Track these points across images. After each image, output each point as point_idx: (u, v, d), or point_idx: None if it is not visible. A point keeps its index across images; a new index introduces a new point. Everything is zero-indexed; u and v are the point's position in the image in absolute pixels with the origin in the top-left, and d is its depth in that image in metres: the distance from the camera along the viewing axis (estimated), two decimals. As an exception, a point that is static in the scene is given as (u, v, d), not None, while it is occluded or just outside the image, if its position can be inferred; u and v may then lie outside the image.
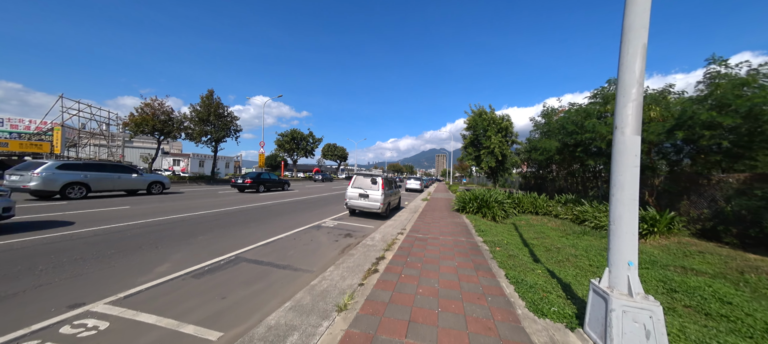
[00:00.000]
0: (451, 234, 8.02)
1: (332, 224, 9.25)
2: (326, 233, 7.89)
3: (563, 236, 8.76)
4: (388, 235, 7.67)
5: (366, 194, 10.79)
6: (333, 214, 11.53)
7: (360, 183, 11.10)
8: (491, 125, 18.93)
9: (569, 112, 14.93)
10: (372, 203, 10.67)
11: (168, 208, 10.59)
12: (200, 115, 25.56)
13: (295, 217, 10.25)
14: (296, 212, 11.56)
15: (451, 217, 11.65)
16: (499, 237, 7.85)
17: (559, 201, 14.58)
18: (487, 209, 12.38)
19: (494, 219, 12.04)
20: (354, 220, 10.45)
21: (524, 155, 21.98)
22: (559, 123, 16.04)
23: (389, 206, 11.68)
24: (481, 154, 19.07)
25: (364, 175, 11.23)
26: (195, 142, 25.68)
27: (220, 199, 14.25)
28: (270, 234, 7.28)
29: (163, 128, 20.41)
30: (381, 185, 10.78)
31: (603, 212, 10.94)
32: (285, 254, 5.75)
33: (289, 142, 44.65)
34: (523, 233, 9.51)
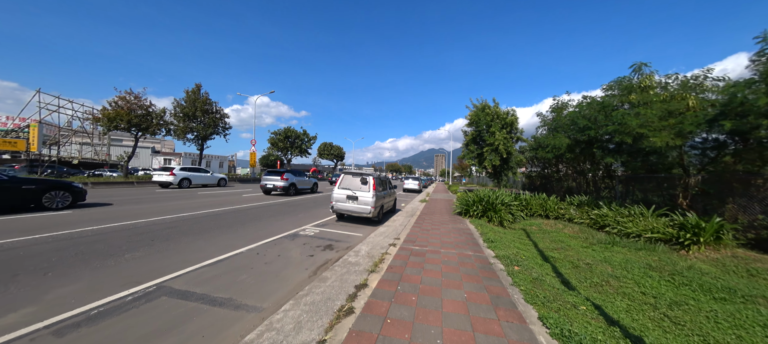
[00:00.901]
0: (455, 245, 6.59)
1: (312, 232, 7.80)
2: (301, 245, 6.43)
3: (587, 247, 7.33)
4: (377, 247, 6.23)
5: (355, 196, 9.34)
6: (318, 218, 10.08)
7: (348, 183, 9.66)
8: (495, 120, 17.50)
9: (581, 106, 13.53)
10: (361, 207, 9.23)
11: (128, 213, 9.11)
12: (185, 110, 24.03)
13: (273, 223, 8.79)
14: (277, 216, 10.10)
15: (453, 222, 10.22)
16: (513, 250, 6.42)
17: (572, 203, 13.18)
18: (494, 212, 10.95)
19: (501, 224, 10.62)
20: (340, 226, 8.99)
21: (529, 153, 20.60)
22: (569, 118, 14.64)
23: (382, 210, 10.25)
24: (484, 151, 17.65)
25: (353, 174, 9.79)
26: (178, 139, 24.16)
27: (202, 200, 12.78)
28: (228, 247, 5.81)
29: (140, 124, 18.90)
30: (372, 186, 9.34)
31: (626, 217, 9.55)
32: (234, 279, 4.29)
33: (282, 140, 43.09)
34: (537, 241, 8.09)
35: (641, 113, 8.95)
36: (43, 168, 25.99)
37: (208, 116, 25.48)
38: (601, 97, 12.69)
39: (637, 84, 10.22)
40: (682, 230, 7.23)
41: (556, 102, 16.65)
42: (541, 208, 13.28)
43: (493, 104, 18.04)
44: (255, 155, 35.06)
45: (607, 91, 12.60)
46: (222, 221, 8.53)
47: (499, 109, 17.76)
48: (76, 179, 18.39)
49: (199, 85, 25.13)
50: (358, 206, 9.30)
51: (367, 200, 9.22)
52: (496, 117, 17.54)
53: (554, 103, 16.87)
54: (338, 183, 9.75)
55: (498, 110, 17.69)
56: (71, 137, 35.66)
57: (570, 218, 11.78)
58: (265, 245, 6.23)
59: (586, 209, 11.77)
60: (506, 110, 17.98)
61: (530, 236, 9.03)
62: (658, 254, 6.40)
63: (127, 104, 18.37)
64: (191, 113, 24.19)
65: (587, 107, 12.86)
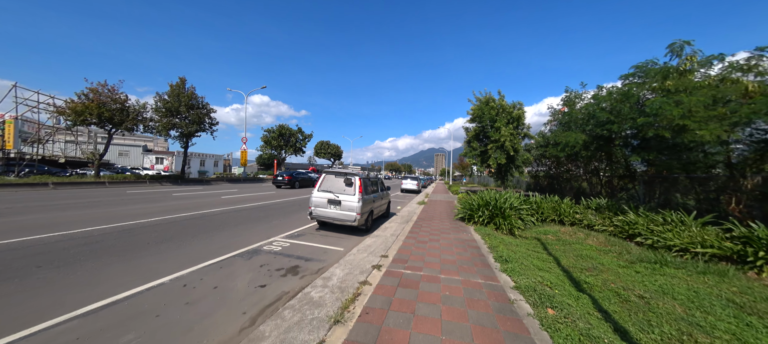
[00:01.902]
0: (459, 267, 5.05)
1: (280, 247, 6.23)
2: (256, 268, 4.87)
3: (626, 266, 5.77)
4: (356, 271, 4.68)
5: (337, 200, 7.79)
6: (296, 226, 8.53)
7: (329, 185, 8.10)
8: (501, 114, 15.94)
9: (598, 97, 11.96)
10: (345, 213, 7.68)
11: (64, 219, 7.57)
12: (168, 105, 22.45)
13: (238, 233, 7.23)
14: (248, 222, 8.55)
15: (455, 230, 8.68)
16: (535, 274, 4.87)
17: (588, 207, 11.65)
18: (502, 219, 9.41)
19: (511, 233, 9.08)
20: (319, 237, 7.44)
21: (536, 151, 19.05)
22: (586, 111, 13.08)
23: (371, 216, 8.71)
24: (488, 148, 16.08)
25: (336, 174, 8.23)
26: (161, 135, 22.59)
27: (172, 203, 11.23)
28: (149, 275, 4.26)
29: (113, 118, 17.31)
30: (358, 188, 7.79)
31: (661, 225, 8.00)
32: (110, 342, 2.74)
33: (276, 138, 41.48)
34: (559, 257, 6.54)
35: (684, 100, 7.40)
36: (20, 168, 24.45)
37: (193, 111, 23.89)
38: (622, 86, 11.12)
39: (676, 67, 8.64)
40: (748, 245, 5.68)
41: (569, 94, 15.04)
42: (554, 212, 11.74)
43: (499, 96, 16.48)
44: (246, 154, 33.51)
45: (627, 79, 11.03)
46: (171, 231, 6.97)
47: (504, 102, 16.21)
48: (47, 178, 16.85)
49: (183, 78, 23.51)
50: (341, 212, 7.75)
51: (351, 204, 7.67)
52: (501, 111, 15.99)
53: (566, 95, 15.26)
54: (318, 185, 8.20)
55: (504, 104, 16.13)
56: (53, 135, 34.08)
57: (589, 224, 10.24)
58: (206, 269, 4.68)
59: (607, 214, 10.23)
60: (513, 104, 16.42)
61: (548, 248, 7.48)
62: (729, 279, 4.86)
63: (97, 96, 16.77)
64: (175, 108, 22.60)
65: (607, 98, 11.30)
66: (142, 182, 20.14)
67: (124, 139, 62.01)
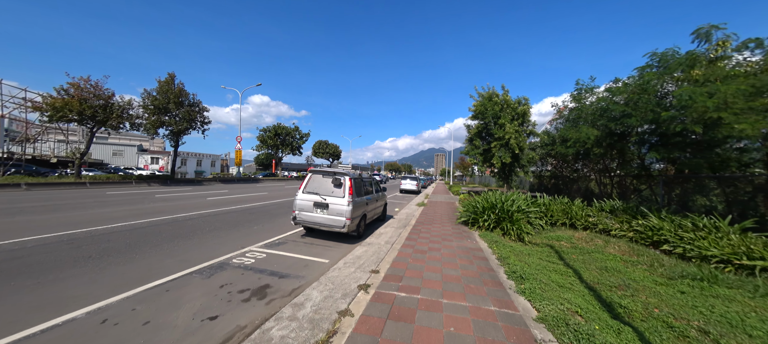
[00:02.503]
0: (464, 287, 4.12)
1: (252, 260, 5.28)
2: (214, 291, 3.93)
3: (665, 284, 4.82)
4: (336, 296, 3.74)
5: (324, 204, 6.85)
6: (280, 232, 7.59)
7: (315, 186, 7.15)
8: (505, 110, 15.00)
9: (612, 90, 11.00)
10: (333, 218, 6.73)
11: (8, 225, 6.63)
12: (156, 102, 21.51)
13: (207, 241, 6.30)
14: (225, 228, 7.62)
15: (458, 236, 7.74)
16: (557, 296, 3.94)
17: (603, 209, 10.71)
18: (510, 223, 8.46)
19: (520, 239, 8.14)
20: (302, 246, 6.49)
21: (541, 149, 18.12)
22: (598, 105, 12.15)
23: (364, 220, 7.76)
24: (492, 147, 15.14)
25: (323, 173, 7.27)
26: (148, 134, 21.66)
27: (149, 205, 10.29)
28: (65, 304, 3.33)
29: (95, 115, 16.34)
30: (348, 190, 6.84)
31: (691, 231, 7.06)
32: None
33: (272, 137, 40.52)
34: (580, 270, 5.61)
35: (720, 90, 6.46)
36: (6, 167, 23.51)
37: (183, 109, 22.95)
38: (639, 77, 10.17)
39: (704, 54, 7.69)
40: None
41: (579, 88, 14.04)
42: (565, 215, 10.80)
43: (502, 91, 15.54)
44: (241, 154, 32.59)
45: (644, 70, 10.08)
46: (128, 240, 6.01)
47: (509, 97, 15.26)
48: (20, 179, 15.91)
49: (172, 74, 22.55)
50: (328, 216, 6.80)
51: (340, 208, 6.72)
52: (506, 106, 15.04)
53: (577, 88, 14.24)
54: (303, 186, 7.25)
55: (508, 99, 15.19)
56: (43, 133, 33.14)
57: (605, 228, 9.31)
58: (147, 293, 3.73)
59: (624, 217, 9.29)
60: (517, 99, 15.48)
61: (565, 258, 6.54)
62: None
63: (79, 92, 15.82)
64: (163, 105, 21.65)
65: (623, 90, 10.35)
66: (127, 183, 19.18)
67: (120, 138, 61.05)
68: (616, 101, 11.00)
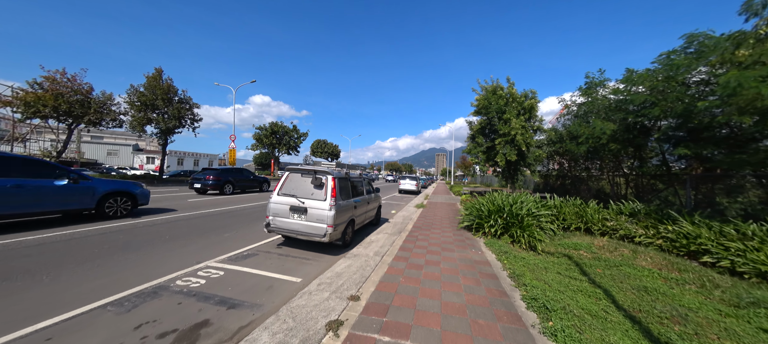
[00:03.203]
0: (470, 320, 3.04)
1: (203, 280, 4.21)
2: (119, 339, 2.85)
3: (732, 315, 3.72)
4: (291, 342, 2.67)
5: (302, 208, 5.77)
6: (255, 240, 6.53)
7: (293, 187, 6.08)
8: (510, 104, 13.91)
9: (631, 79, 9.87)
10: (312, 225, 5.67)
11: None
12: (143, 98, 20.49)
13: (160, 253, 5.24)
14: (193, 235, 6.55)
15: (460, 244, 6.65)
16: (599, 337, 2.88)
17: (622, 212, 9.58)
18: (520, 230, 7.37)
19: (532, 248, 7.06)
20: (274, 259, 5.42)
21: (548, 147, 17.03)
22: (612, 98, 11.04)
23: (351, 226, 6.68)
24: (496, 144, 14.06)
25: (303, 172, 6.20)
26: (134, 131, 20.65)
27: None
28: None
29: (71, 111, 15.31)
30: (331, 191, 5.77)
31: (736, 240, 5.97)
32: None
33: (268, 136, 39.50)
34: (612, 291, 4.53)
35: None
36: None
37: (172, 105, 21.92)
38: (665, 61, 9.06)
39: (753, 32, 6.58)
40: None
41: (589, 80, 12.93)
42: (578, 219, 9.70)
43: (508, 84, 14.45)
44: (234, 153, 31.57)
45: (671, 57, 8.97)
46: (49, 256, 4.95)
47: (514, 90, 14.17)
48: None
49: (159, 69, 21.50)
50: (306, 223, 5.73)
51: (321, 213, 5.64)
52: (511, 100, 13.96)
53: (587, 81, 13.12)
54: (278, 187, 6.17)
55: (513, 92, 14.10)
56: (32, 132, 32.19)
57: (627, 234, 8.21)
58: (18, 342, 2.67)
59: (649, 222, 8.18)
60: (524, 93, 14.39)
61: (588, 271, 5.45)
62: None
63: (54, 86, 14.81)
64: (150, 101, 20.63)
65: (646, 78, 9.24)
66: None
67: (115, 138, 60.14)
68: (636, 91, 9.91)
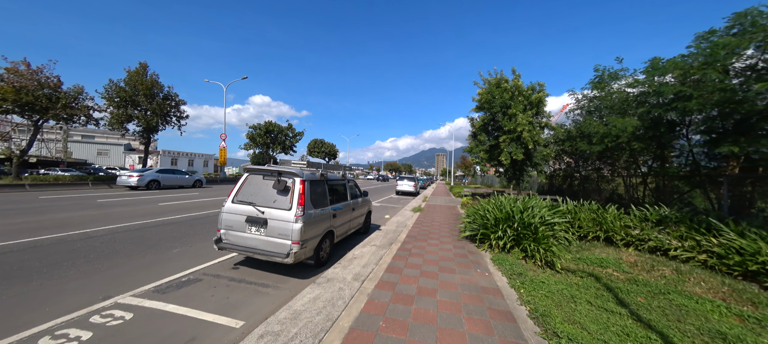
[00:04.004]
0: None
1: (98, 326, 2.98)
2: None
3: None
4: None
5: (260, 219, 4.52)
6: (210, 258, 5.29)
7: (252, 192, 4.82)
8: (516, 98, 12.68)
9: (656, 67, 8.60)
10: (273, 242, 4.42)
11: None
12: (123, 94, 19.24)
13: (67, 281, 4.00)
14: (134, 251, 5.32)
15: (462, 260, 5.41)
16: None
17: (646, 219, 8.31)
18: (535, 243, 6.12)
19: (548, 264, 5.81)
20: (220, 288, 4.16)
21: (555, 146, 15.79)
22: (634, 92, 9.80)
23: (328, 240, 5.43)
24: (500, 142, 12.81)
25: (266, 173, 4.95)
26: (113, 128, 19.40)
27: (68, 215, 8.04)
28: None
29: (36, 105, 14.02)
30: (298, 197, 4.52)
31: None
32: None
33: (262, 135, 38.22)
34: (671, 337, 3.29)
35: None
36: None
37: (155, 102, 20.67)
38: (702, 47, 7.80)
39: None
40: None
41: (600, 73, 11.60)
42: (596, 226, 8.46)
43: (513, 76, 13.20)
44: (225, 152, 30.34)
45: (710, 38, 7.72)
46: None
47: (520, 83, 12.92)
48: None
49: (144, 63, 20.26)
50: (266, 239, 4.47)
51: (284, 226, 4.40)
52: (517, 94, 12.71)
53: (597, 75, 11.78)
54: (233, 192, 4.92)
55: (519, 85, 12.85)
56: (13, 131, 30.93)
57: (658, 246, 6.95)
58: None
59: (682, 231, 6.94)
60: (531, 85, 13.15)
61: (627, 301, 4.20)
62: None
63: (15, 78, 13.54)
64: (130, 97, 19.37)
65: (676, 66, 7.98)
66: (81, 185, 16.87)
67: (107, 138, 58.85)
68: (664, 81, 8.68)
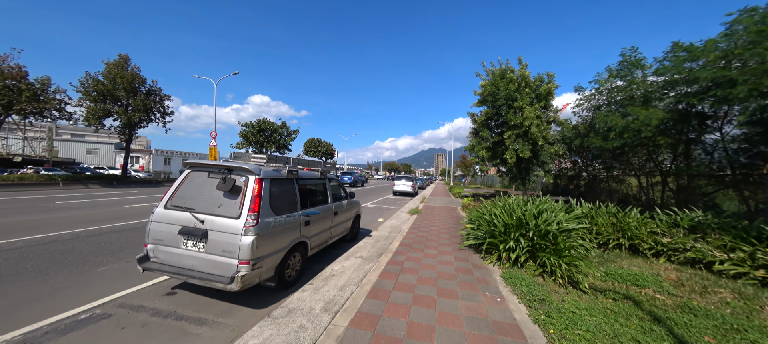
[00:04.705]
0: None
1: None
2: None
3: None
4: None
5: (199, 231, 3.38)
6: (143, 280, 4.15)
7: (192, 194, 3.67)
8: (523, 89, 11.55)
9: (692, 50, 7.48)
10: (213, 261, 3.28)
11: None
12: (100, 87, 18.05)
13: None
14: (47, 272, 4.19)
15: (466, 278, 4.25)
16: None
17: (676, 224, 7.19)
18: (556, 256, 4.99)
19: (573, 283, 4.69)
20: (136, 326, 3.01)
21: (562, 144, 14.69)
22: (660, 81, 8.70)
23: (299, 253, 4.29)
24: (505, 138, 11.69)
25: (212, 170, 3.81)
26: (89, 124, 18.21)
27: (9, 220, 6.90)
28: None
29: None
30: (251, 201, 3.39)
31: None
32: None
33: (255, 134, 37.03)
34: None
35: None
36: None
37: (136, 96, 19.48)
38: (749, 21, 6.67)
39: None
40: None
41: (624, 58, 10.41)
42: (617, 232, 7.37)
43: (520, 66, 12.06)
44: (215, 150, 29.10)
45: (752, 14, 6.59)
46: None
47: (527, 73, 11.78)
48: None
49: (124, 56, 19.04)
50: (205, 257, 3.32)
51: (228, 239, 3.26)
52: (524, 85, 11.58)
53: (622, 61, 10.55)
54: (167, 194, 3.79)
55: (526, 75, 11.71)
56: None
57: (698, 258, 5.84)
58: None
59: (725, 239, 5.83)
60: (538, 76, 12.03)
61: (689, 341, 3.09)
62: None
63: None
64: (110, 90, 18.18)
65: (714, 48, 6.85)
66: (50, 185, 15.67)
67: (98, 136, 57.50)
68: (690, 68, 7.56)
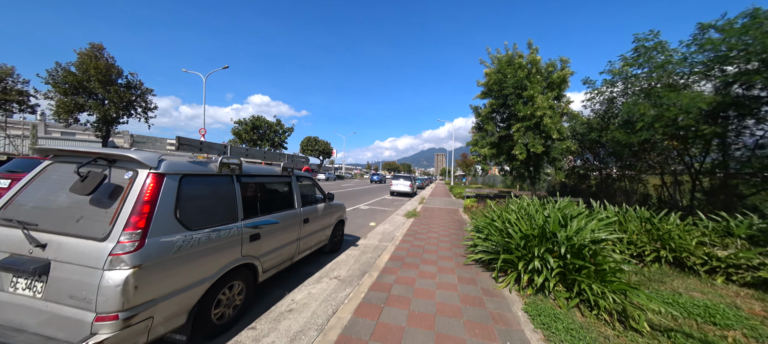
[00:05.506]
0: None
1: None
2: None
3: None
4: None
5: (29, 264, 2.01)
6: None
7: (38, 197, 2.34)
8: (533, 76, 10.21)
9: (756, 15, 6.18)
10: (57, 316, 1.92)
11: None
12: (70, 79, 16.67)
13: None
14: None
15: (474, 318, 2.87)
16: None
17: (729, 233, 5.87)
18: (599, 282, 3.64)
19: (622, 320, 3.35)
20: None
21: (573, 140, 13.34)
22: (704, 57, 7.37)
23: (240, 283, 2.95)
24: (513, 132, 10.34)
25: (75, 157, 2.48)
26: (59, 119, 16.85)
27: None
28: None
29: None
30: (136, 209, 2.04)
31: None
32: None
33: (249, 132, 35.66)
34: None
35: None
36: None
37: (112, 90, 18.11)
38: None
39: None
40: None
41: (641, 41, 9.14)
42: (654, 241, 6.05)
43: (529, 51, 10.71)
44: (203, 148, 27.69)
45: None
46: None
47: (538, 58, 10.43)
48: None
49: (99, 45, 17.69)
50: (39, 306, 1.98)
51: (80, 276, 1.90)
52: (535, 72, 10.24)
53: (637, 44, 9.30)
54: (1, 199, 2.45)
55: (536, 60, 10.36)
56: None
57: None
58: None
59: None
60: (551, 62, 10.67)
61: None
62: None
63: None
64: (81, 82, 16.81)
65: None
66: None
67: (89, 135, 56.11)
68: (745, 41, 6.23)
